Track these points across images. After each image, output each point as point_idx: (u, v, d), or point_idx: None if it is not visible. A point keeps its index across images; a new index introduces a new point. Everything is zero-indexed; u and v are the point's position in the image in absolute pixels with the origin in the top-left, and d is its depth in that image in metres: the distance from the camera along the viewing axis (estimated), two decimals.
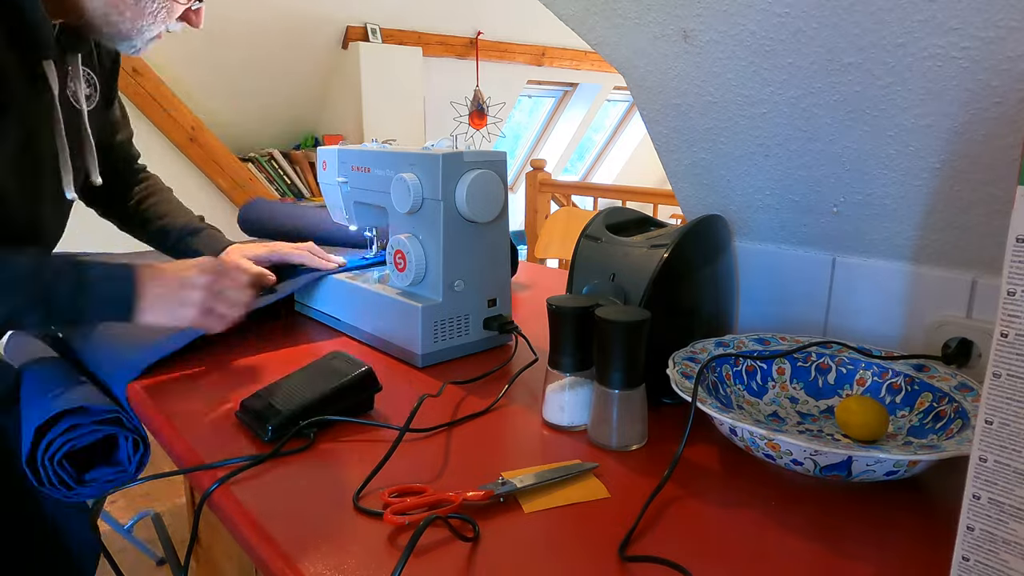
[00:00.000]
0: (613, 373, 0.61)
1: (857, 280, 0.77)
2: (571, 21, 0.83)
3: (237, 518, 0.53)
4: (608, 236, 0.77)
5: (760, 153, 0.78)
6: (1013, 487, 0.36)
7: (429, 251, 0.83)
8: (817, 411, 0.68)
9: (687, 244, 0.71)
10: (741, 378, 0.69)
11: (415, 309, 0.81)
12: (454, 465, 0.60)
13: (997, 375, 0.36)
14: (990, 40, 0.55)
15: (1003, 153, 0.60)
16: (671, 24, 0.74)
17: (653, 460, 0.61)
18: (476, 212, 0.82)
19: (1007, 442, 0.36)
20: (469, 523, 0.51)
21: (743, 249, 0.87)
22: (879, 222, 0.73)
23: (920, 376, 0.65)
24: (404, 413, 0.67)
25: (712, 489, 0.57)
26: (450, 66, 4.05)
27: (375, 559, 0.47)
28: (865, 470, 0.52)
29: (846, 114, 0.68)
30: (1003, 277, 0.36)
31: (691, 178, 0.88)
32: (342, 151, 0.98)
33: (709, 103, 0.78)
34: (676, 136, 0.84)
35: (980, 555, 0.38)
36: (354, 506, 0.53)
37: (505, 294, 0.89)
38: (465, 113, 4.28)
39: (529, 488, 0.55)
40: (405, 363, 0.84)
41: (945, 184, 0.66)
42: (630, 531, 0.49)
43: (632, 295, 0.70)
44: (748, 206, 0.84)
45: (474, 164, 0.81)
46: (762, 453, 0.56)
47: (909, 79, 0.61)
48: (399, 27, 3.70)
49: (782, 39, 0.67)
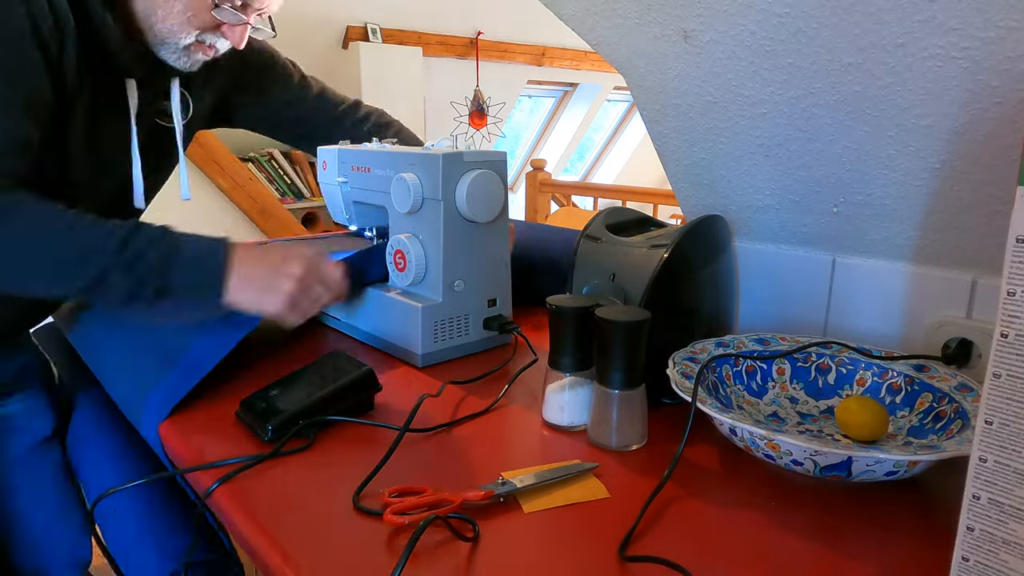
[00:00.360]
0: (613, 373, 0.61)
1: (857, 280, 0.77)
2: (571, 21, 0.83)
3: (238, 518, 0.53)
4: (608, 236, 0.77)
5: (760, 153, 0.78)
6: (1013, 487, 0.36)
7: (429, 251, 0.83)
8: (817, 411, 0.68)
9: (687, 244, 0.71)
10: (741, 378, 0.69)
11: (415, 309, 0.81)
12: (454, 465, 0.60)
13: (997, 375, 0.36)
14: (990, 40, 0.55)
15: (1003, 153, 0.60)
16: (671, 24, 0.74)
17: (653, 460, 0.61)
18: (476, 212, 0.82)
19: (1007, 442, 0.36)
20: (469, 523, 0.51)
21: (743, 249, 0.87)
22: (879, 222, 0.73)
23: (920, 376, 0.65)
24: (404, 413, 0.67)
25: (712, 489, 0.57)
26: (450, 66, 4.05)
27: (375, 559, 0.47)
28: (865, 470, 0.52)
29: (846, 114, 0.68)
30: (1003, 277, 0.36)
31: (691, 178, 0.88)
32: (342, 151, 0.98)
33: (709, 103, 0.78)
34: (676, 136, 0.84)
35: (980, 555, 0.38)
36: (354, 506, 0.53)
37: (505, 294, 0.89)
38: (465, 113, 4.28)
39: (529, 488, 0.55)
40: (405, 363, 0.84)
41: (945, 184, 0.66)
42: (630, 531, 0.49)
43: (632, 295, 0.70)
44: (748, 206, 0.84)
45: (474, 164, 0.81)
46: (762, 453, 0.56)
47: (909, 79, 0.61)
48: (399, 27, 3.70)
49: (782, 39, 0.67)
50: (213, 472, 0.59)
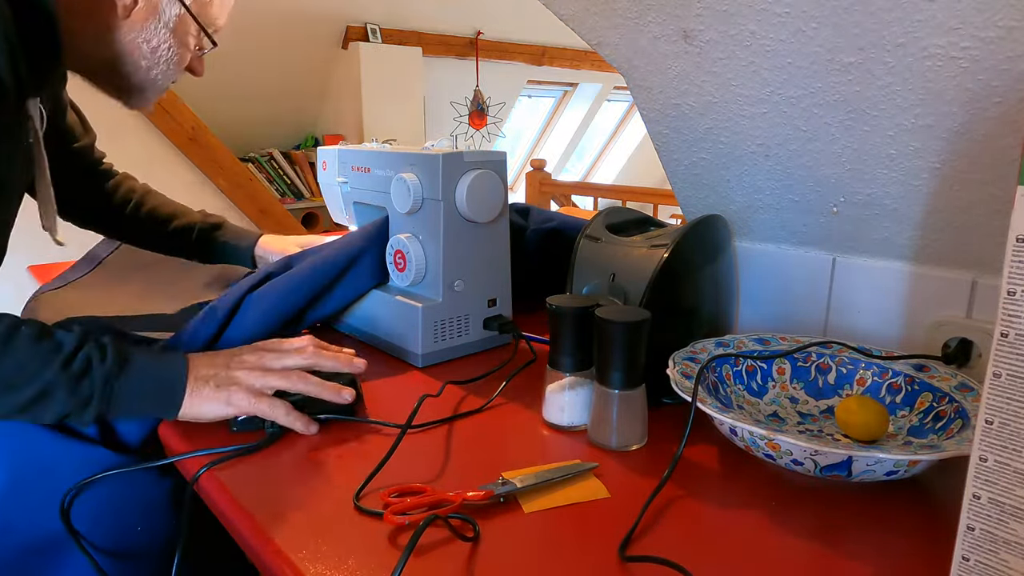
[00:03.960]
0: (613, 373, 0.61)
1: (857, 280, 0.77)
2: (571, 21, 0.83)
3: (237, 518, 0.53)
4: (608, 236, 0.77)
5: (760, 153, 0.78)
6: (1013, 487, 0.36)
7: (429, 251, 0.83)
8: (817, 411, 0.68)
9: (687, 244, 0.71)
10: (741, 378, 0.69)
11: (415, 309, 0.81)
12: (454, 465, 0.60)
13: (997, 375, 0.36)
14: (990, 40, 0.55)
15: (1003, 153, 0.60)
16: (671, 24, 0.74)
17: (653, 460, 0.61)
18: (476, 212, 0.82)
19: (1007, 442, 0.36)
20: (469, 523, 0.51)
21: (743, 249, 0.87)
22: (879, 222, 0.73)
23: (920, 376, 0.65)
24: (404, 413, 0.67)
25: (712, 489, 0.57)
26: (450, 66, 4.05)
27: (375, 559, 0.47)
28: (865, 470, 0.52)
29: (846, 114, 0.68)
30: (1003, 277, 0.36)
31: (691, 178, 0.88)
32: (342, 151, 0.98)
33: (709, 103, 0.78)
34: (676, 136, 0.84)
35: (980, 555, 0.38)
36: (354, 506, 0.53)
37: (505, 294, 0.89)
38: (465, 113, 4.29)
39: (529, 488, 0.55)
40: (405, 363, 0.84)
41: (945, 184, 0.66)
42: (630, 531, 0.49)
43: (632, 295, 0.70)
44: (748, 206, 0.84)
45: (474, 164, 0.81)
46: (762, 453, 0.56)
47: (909, 79, 0.61)
48: (399, 27, 3.70)
49: (782, 39, 0.67)
50: (202, 461, 0.60)
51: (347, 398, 0.67)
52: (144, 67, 0.78)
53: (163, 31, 0.77)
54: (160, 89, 0.82)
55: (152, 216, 1.05)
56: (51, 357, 0.59)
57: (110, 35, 0.75)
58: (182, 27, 0.79)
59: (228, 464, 0.60)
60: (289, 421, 0.64)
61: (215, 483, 0.58)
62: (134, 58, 0.77)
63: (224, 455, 0.61)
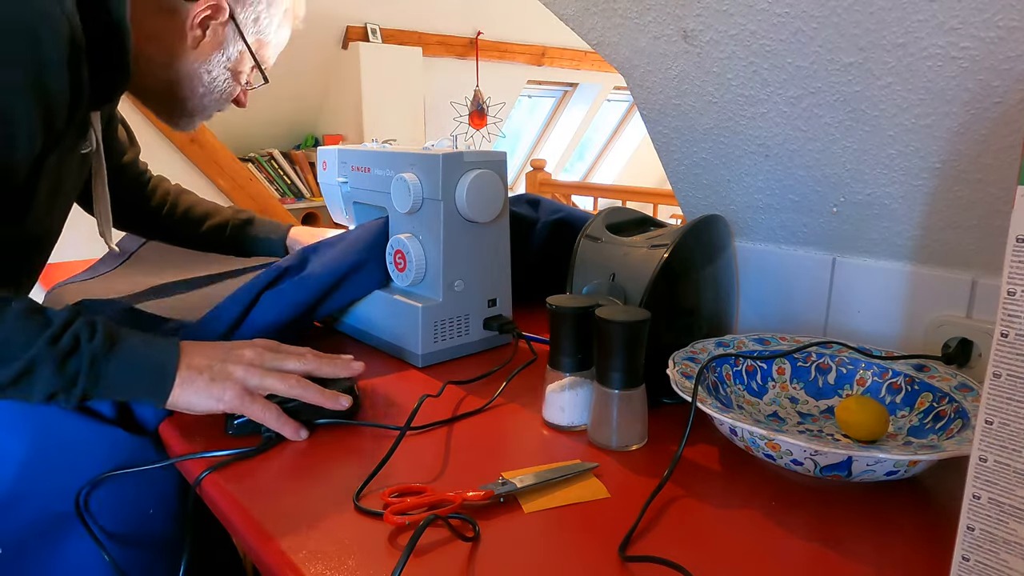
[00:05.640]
0: (613, 373, 0.61)
1: (857, 280, 0.77)
2: (571, 21, 0.83)
3: (237, 518, 0.53)
4: (608, 236, 0.77)
5: (760, 153, 0.78)
6: (1013, 487, 0.36)
7: (429, 251, 0.83)
8: (817, 411, 0.68)
9: (687, 244, 0.71)
10: (741, 378, 0.69)
11: (415, 309, 0.81)
12: (454, 465, 0.60)
13: (997, 375, 0.36)
14: (990, 40, 0.55)
15: (1003, 153, 0.60)
16: (671, 24, 0.74)
17: (653, 460, 0.61)
18: (476, 212, 0.82)
19: (1007, 442, 0.36)
20: (469, 523, 0.51)
21: (743, 249, 0.87)
22: (879, 222, 0.73)
23: (920, 376, 0.65)
24: (404, 413, 0.67)
25: (712, 489, 0.57)
26: (450, 66, 4.06)
27: (375, 559, 0.47)
28: (865, 470, 0.52)
29: (846, 114, 0.68)
30: (1003, 277, 0.36)
31: (691, 178, 0.88)
32: (342, 151, 0.98)
33: (709, 103, 0.78)
34: (676, 136, 0.84)
35: (980, 555, 0.38)
36: (354, 506, 0.53)
37: (505, 294, 0.89)
38: (465, 113, 4.29)
39: (529, 488, 0.55)
40: (405, 363, 0.84)
41: (945, 184, 0.66)
42: (630, 531, 0.49)
43: (632, 295, 0.70)
44: (748, 206, 0.84)
45: (474, 164, 0.81)
46: (762, 453, 0.56)
47: (909, 79, 0.61)
48: (399, 27, 3.70)
49: (782, 39, 0.67)
50: (205, 463, 0.59)
51: (344, 405, 0.67)
52: (200, 94, 0.83)
53: (224, 64, 0.83)
54: (207, 116, 0.86)
55: (187, 217, 1.10)
56: (38, 332, 0.58)
57: (176, 61, 0.80)
58: (240, 63, 0.85)
59: (228, 465, 0.60)
60: (279, 426, 0.63)
61: (216, 484, 0.58)
62: (193, 85, 0.82)
63: (224, 459, 0.60)
